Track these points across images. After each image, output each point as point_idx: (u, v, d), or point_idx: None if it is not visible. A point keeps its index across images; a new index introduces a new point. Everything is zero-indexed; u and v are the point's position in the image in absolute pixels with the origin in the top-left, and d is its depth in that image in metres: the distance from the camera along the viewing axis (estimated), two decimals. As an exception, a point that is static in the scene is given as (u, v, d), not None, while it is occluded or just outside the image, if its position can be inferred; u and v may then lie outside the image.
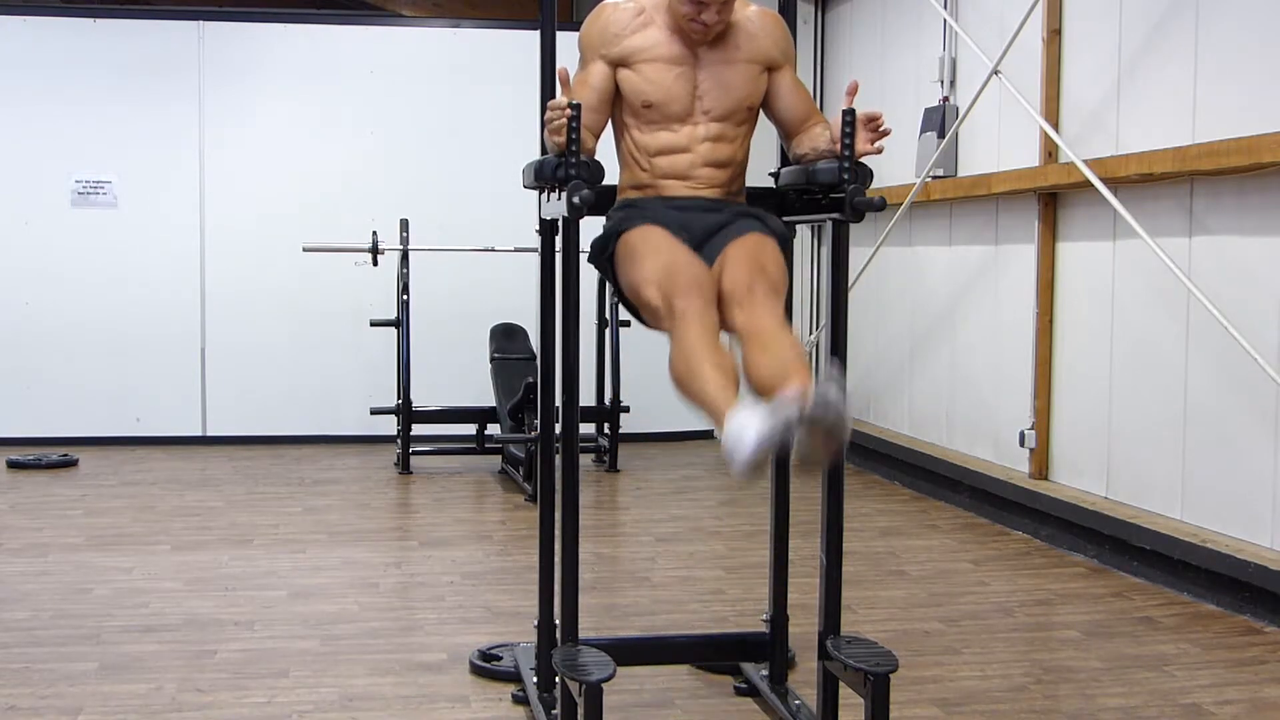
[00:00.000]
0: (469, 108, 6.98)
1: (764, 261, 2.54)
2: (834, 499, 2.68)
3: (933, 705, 3.01)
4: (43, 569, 4.23)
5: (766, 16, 2.75)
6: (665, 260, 2.50)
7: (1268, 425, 3.83)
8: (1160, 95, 4.30)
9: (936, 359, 5.95)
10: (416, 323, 6.29)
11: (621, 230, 2.62)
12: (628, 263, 2.57)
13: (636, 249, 2.56)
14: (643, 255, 2.54)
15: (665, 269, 2.48)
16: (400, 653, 3.38)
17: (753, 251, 2.56)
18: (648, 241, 2.55)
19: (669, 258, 2.51)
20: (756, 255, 2.55)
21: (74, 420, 6.78)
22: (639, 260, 2.53)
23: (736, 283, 2.48)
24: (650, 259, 2.52)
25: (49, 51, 6.75)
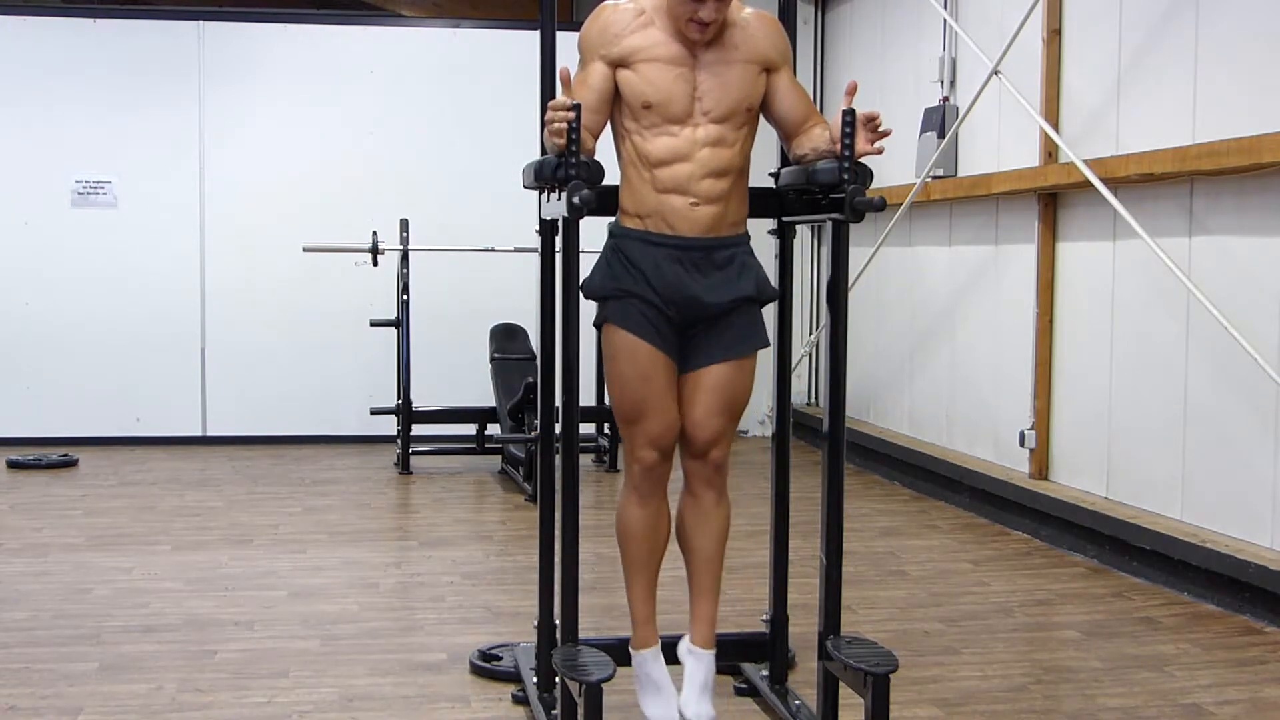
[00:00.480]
0: (469, 108, 6.98)
1: (734, 397, 2.74)
2: (834, 499, 2.68)
3: (933, 705, 3.01)
4: (43, 569, 4.23)
5: (763, 18, 2.75)
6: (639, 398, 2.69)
7: (1268, 425, 3.83)
8: (1160, 95, 4.30)
9: (936, 359, 5.95)
10: (416, 323, 6.29)
11: (608, 318, 2.71)
12: (607, 367, 2.76)
13: (619, 365, 2.71)
14: (621, 379, 2.71)
15: (638, 410, 2.69)
16: (400, 653, 3.38)
17: (727, 391, 2.73)
18: (631, 363, 2.68)
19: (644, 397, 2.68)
20: (728, 397, 2.73)
21: (74, 420, 6.78)
22: (617, 380, 2.72)
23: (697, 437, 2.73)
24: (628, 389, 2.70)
25: (49, 51, 6.75)
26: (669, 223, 2.64)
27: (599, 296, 2.72)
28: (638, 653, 2.79)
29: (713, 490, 2.80)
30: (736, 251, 2.71)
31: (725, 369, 2.72)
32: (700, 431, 2.73)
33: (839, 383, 2.67)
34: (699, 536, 2.82)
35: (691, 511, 2.82)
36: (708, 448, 2.75)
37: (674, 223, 2.64)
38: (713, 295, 2.68)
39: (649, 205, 2.65)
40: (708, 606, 2.83)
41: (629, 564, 2.81)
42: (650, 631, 2.81)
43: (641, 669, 2.78)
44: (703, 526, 2.82)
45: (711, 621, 2.83)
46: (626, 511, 2.78)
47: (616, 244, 2.71)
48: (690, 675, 2.77)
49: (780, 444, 3.03)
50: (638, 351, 2.68)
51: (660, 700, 2.75)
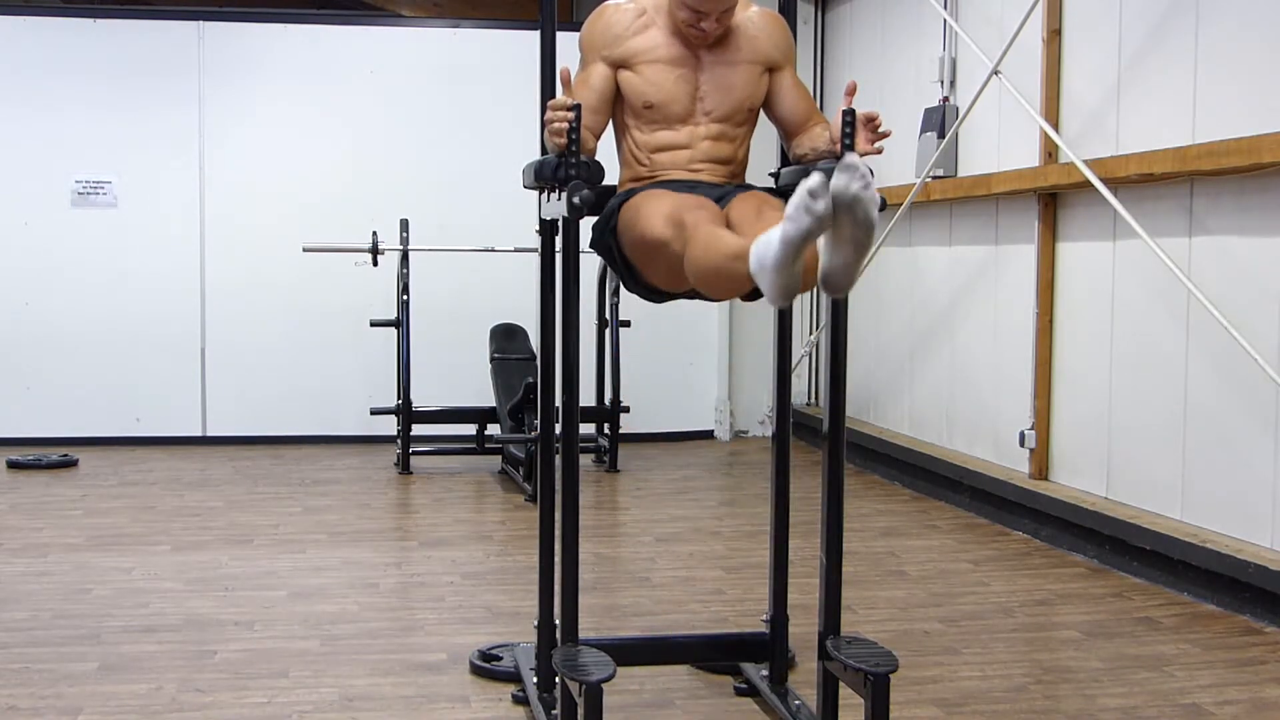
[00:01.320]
0: (469, 108, 6.98)
1: (772, 202, 2.54)
2: (834, 499, 2.68)
3: (933, 705, 3.01)
4: (43, 569, 4.23)
5: (767, 17, 2.75)
6: (672, 201, 2.48)
7: (1268, 425, 3.83)
8: (1160, 95, 4.30)
9: (936, 359, 5.95)
10: (416, 323, 6.29)
11: (623, 202, 2.61)
12: (632, 220, 2.52)
13: (641, 206, 2.52)
14: (649, 206, 2.49)
15: (673, 205, 2.45)
16: (400, 653, 3.38)
17: (758, 198, 2.59)
18: (652, 196, 2.54)
19: (675, 199, 2.50)
20: (762, 199, 2.58)
21: (74, 420, 6.78)
22: (645, 211, 2.48)
23: (745, 216, 2.46)
24: (657, 205, 2.48)
25: (49, 51, 6.75)
26: None
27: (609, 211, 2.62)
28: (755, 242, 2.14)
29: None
30: None
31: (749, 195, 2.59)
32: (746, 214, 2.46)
33: (839, 383, 2.67)
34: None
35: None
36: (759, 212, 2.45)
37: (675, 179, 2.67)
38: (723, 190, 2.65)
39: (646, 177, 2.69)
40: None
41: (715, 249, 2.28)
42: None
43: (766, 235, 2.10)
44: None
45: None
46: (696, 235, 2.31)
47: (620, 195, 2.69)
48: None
49: (780, 444, 3.03)
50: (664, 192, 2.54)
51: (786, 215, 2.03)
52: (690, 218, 2.37)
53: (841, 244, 2.02)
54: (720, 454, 6.77)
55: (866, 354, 6.62)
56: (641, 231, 2.48)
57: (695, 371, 7.22)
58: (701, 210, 2.41)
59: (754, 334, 7.14)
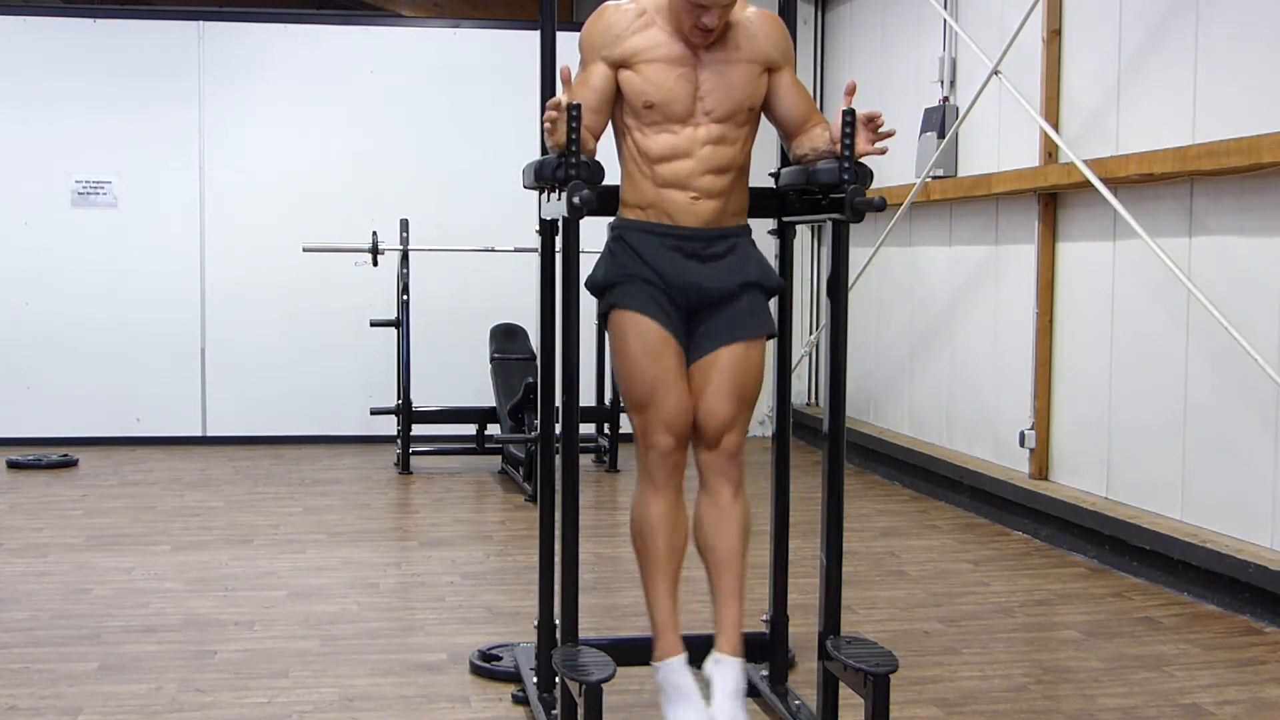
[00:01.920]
0: (469, 108, 6.98)
1: (745, 384, 2.69)
2: (834, 499, 2.68)
3: (933, 705, 3.01)
4: (43, 569, 4.23)
5: (766, 17, 2.74)
6: (650, 383, 2.63)
7: (1268, 425, 3.83)
8: (1160, 95, 4.30)
9: (936, 359, 5.95)
10: (416, 323, 6.29)
11: (614, 303, 2.68)
12: (617, 348, 2.70)
13: (627, 341, 2.66)
14: (631, 360, 2.65)
15: (649, 396, 2.63)
16: (400, 653, 3.38)
17: (736, 373, 2.68)
18: (639, 341, 2.64)
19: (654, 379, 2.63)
20: (739, 379, 2.68)
21: (74, 420, 6.78)
22: (627, 362, 2.66)
23: (708, 425, 2.67)
24: (637, 373, 2.64)
25: (49, 51, 6.75)
26: (669, 214, 2.65)
27: (604, 285, 2.69)
28: (663, 663, 2.65)
29: (729, 483, 2.69)
30: (738, 241, 2.72)
31: (732, 351, 2.67)
32: (711, 418, 2.66)
33: (839, 383, 2.67)
34: (718, 535, 2.69)
35: (709, 509, 2.70)
36: (720, 434, 2.66)
37: (674, 215, 2.65)
38: (715, 280, 2.67)
39: (649, 198, 2.66)
40: (732, 611, 2.68)
41: (648, 564, 2.68)
42: (674, 639, 2.67)
43: (668, 680, 2.63)
44: (721, 524, 2.68)
45: (737, 626, 2.68)
46: (644, 506, 2.67)
47: (618, 234, 2.71)
48: (720, 684, 2.63)
49: (780, 444, 3.03)
50: (648, 331, 2.63)
51: (690, 710, 2.60)
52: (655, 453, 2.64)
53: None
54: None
55: (866, 354, 6.61)
56: (621, 384, 2.72)
57: (695, 371, 7.20)
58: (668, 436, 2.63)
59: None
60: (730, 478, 2.70)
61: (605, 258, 2.72)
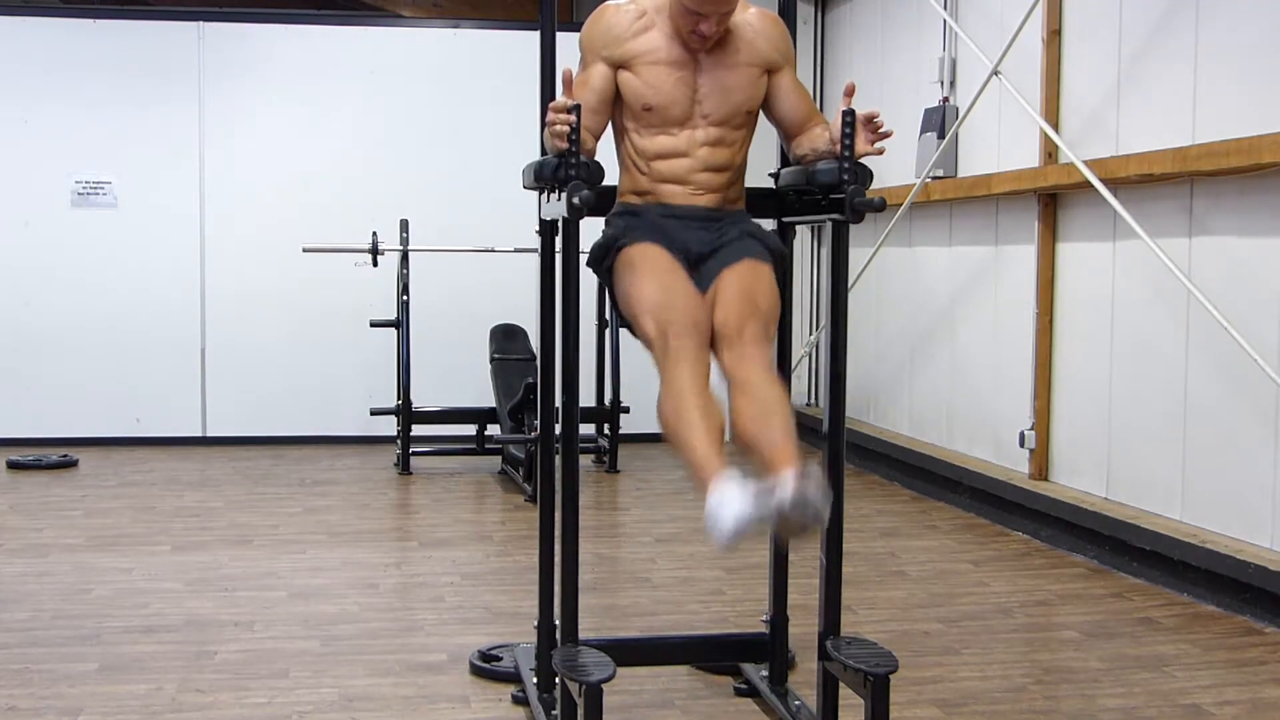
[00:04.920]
0: (469, 108, 6.98)
1: (756, 294, 2.58)
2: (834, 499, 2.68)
3: (933, 706, 3.01)
4: (43, 569, 4.23)
5: (766, 18, 2.74)
6: (662, 290, 2.53)
7: (1268, 425, 3.83)
8: (1160, 95, 4.30)
9: (936, 359, 5.95)
10: (416, 323, 6.29)
11: (621, 244, 2.64)
12: (625, 281, 2.60)
13: (635, 268, 2.58)
14: (640, 278, 2.56)
15: (661, 300, 2.52)
16: (400, 653, 3.38)
17: (746, 283, 2.59)
18: (645, 262, 2.58)
19: (666, 286, 2.54)
20: (750, 288, 2.58)
21: (74, 420, 6.78)
22: (636, 283, 2.56)
23: (728, 322, 2.53)
24: (647, 285, 2.55)
25: (49, 51, 6.75)
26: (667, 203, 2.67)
27: (609, 240, 2.66)
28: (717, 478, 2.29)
29: (758, 365, 2.48)
30: (738, 214, 2.74)
31: (738, 268, 2.60)
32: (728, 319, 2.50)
33: (839, 383, 2.67)
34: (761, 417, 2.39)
35: (744, 402, 2.43)
36: (740, 327, 2.50)
37: (672, 203, 2.67)
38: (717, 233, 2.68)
39: (645, 188, 2.69)
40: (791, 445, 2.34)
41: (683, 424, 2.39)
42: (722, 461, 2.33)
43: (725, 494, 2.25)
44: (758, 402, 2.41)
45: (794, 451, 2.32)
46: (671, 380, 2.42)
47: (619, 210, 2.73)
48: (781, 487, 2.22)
49: (780, 444, 3.02)
50: (658, 254, 2.59)
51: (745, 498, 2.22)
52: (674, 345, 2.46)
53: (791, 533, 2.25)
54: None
55: (866, 354, 6.61)
56: (631, 310, 2.58)
57: (695, 372, 7.20)
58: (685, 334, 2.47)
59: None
60: (759, 361, 2.49)
61: (606, 227, 2.73)
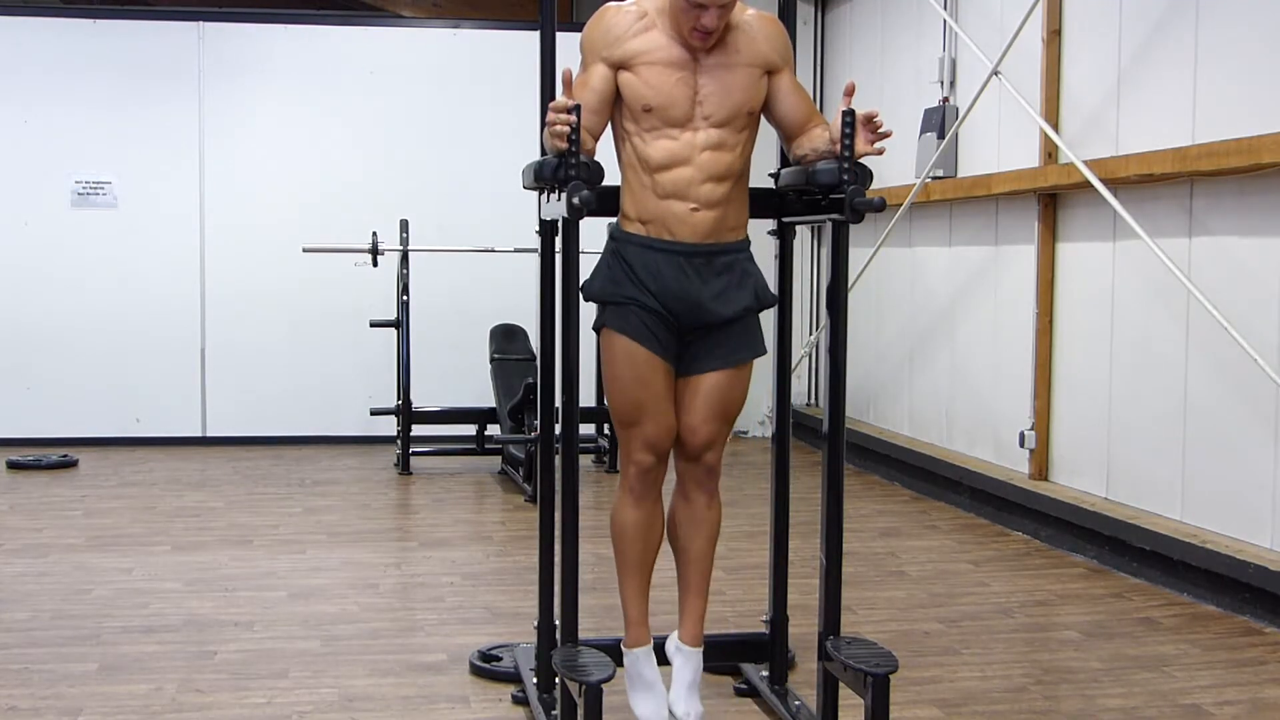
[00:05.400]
0: (469, 108, 6.98)
1: (729, 406, 2.76)
2: (834, 499, 2.68)
3: (933, 706, 3.01)
4: (43, 570, 4.23)
5: (765, 20, 2.74)
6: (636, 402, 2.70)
7: (1267, 425, 3.83)
8: (1160, 95, 4.30)
9: (936, 359, 5.95)
10: (416, 323, 6.29)
11: (606, 322, 2.72)
12: (606, 371, 2.77)
13: (617, 368, 2.71)
14: (619, 383, 2.71)
15: (635, 414, 2.70)
16: (400, 653, 3.38)
17: (722, 393, 2.74)
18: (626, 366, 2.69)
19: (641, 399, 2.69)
20: (724, 399, 2.75)
21: (74, 420, 6.78)
22: (615, 383, 2.72)
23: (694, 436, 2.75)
24: (625, 392, 2.70)
25: (49, 51, 6.75)
26: (669, 229, 2.65)
27: (599, 300, 2.73)
28: (630, 651, 2.82)
29: (705, 492, 2.82)
30: (737, 258, 2.72)
31: (722, 376, 2.74)
32: (695, 436, 2.75)
33: (839, 383, 2.67)
34: (691, 537, 2.84)
35: (684, 512, 2.84)
36: (702, 451, 2.77)
37: (674, 229, 2.65)
38: (715, 303, 2.69)
39: (650, 211, 2.66)
40: (697, 605, 2.86)
41: (623, 564, 2.84)
42: (643, 631, 2.83)
43: (633, 667, 2.80)
44: (695, 528, 2.84)
45: (699, 620, 2.85)
46: (621, 513, 2.81)
47: (617, 248, 2.71)
48: (678, 672, 2.81)
49: (780, 444, 3.03)
50: (636, 357, 2.68)
51: (650, 698, 2.78)
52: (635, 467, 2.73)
53: None
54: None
55: (866, 354, 6.61)
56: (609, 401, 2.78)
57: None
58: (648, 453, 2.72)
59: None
60: (707, 488, 2.82)
61: (602, 269, 2.73)
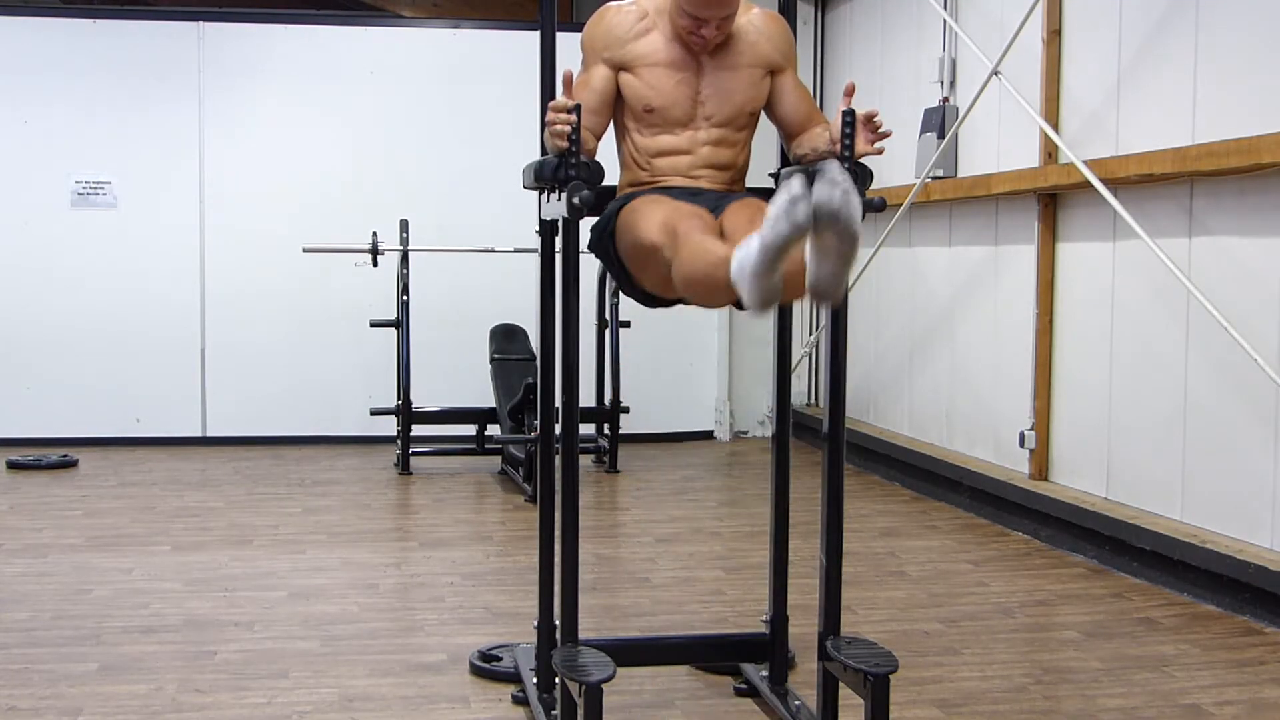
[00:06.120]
0: (469, 108, 6.98)
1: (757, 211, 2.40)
2: (834, 499, 2.68)
3: (933, 706, 3.01)
4: (42, 570, 4.23)
5: (768, 19, 2.74)
6: (668, 208, 2.50)
7: (1267, 426, 3.83)
8: (1160, 95, 4.30)
9: (936, 359, 5.95)
10: (416, 323, 6.29)
11: (621, 206, 2.63)
12: (629, 225, 2.54)
13: (637, 210, 2.55)
14: (645, 211, 2.52)
15: (668, 212, 2.48)
16: (400, 653, 3.38)
17: (754, 205, 2.54)
18: (650, 202, 2.55)
19: (673, 207, 2.50)
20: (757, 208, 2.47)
21: (74, 420, 6.78)
22: (641, 216, 2.50)
23: (737, 224, 2.47)
24: (653, 211, 2.50)
25: (49, 51, 6.74)
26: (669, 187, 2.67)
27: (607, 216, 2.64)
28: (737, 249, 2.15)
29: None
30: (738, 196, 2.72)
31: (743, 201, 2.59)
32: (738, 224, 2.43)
33: (839, 383, 2.67)
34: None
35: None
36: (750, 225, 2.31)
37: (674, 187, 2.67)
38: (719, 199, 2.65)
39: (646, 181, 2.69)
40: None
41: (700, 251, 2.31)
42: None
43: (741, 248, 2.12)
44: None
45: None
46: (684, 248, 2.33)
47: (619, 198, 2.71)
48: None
49: (780, 444, 3.03)
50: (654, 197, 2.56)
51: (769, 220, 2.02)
52: (683, 226, 2.38)
53: (825, 254, 2.01)
54: (720, 454, 6.77)
55: (866, 354, 6.61)
56: (636, 236, 2.50)
57: (695, 372, 7.22)
58: (695, 219, 2.41)
59: (754, 334, 7.13)
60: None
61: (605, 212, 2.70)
